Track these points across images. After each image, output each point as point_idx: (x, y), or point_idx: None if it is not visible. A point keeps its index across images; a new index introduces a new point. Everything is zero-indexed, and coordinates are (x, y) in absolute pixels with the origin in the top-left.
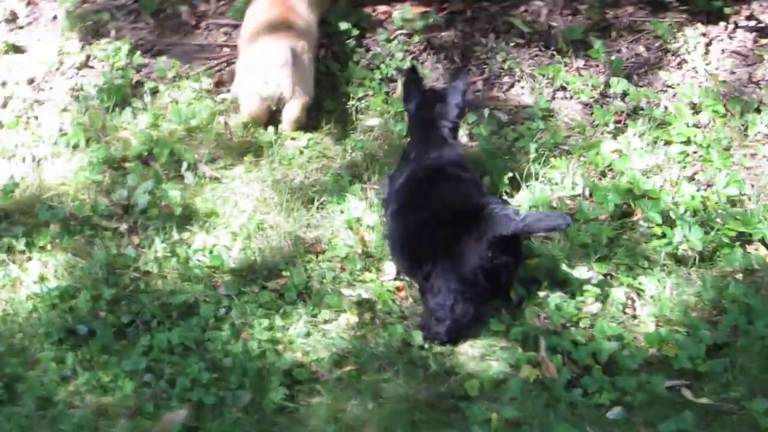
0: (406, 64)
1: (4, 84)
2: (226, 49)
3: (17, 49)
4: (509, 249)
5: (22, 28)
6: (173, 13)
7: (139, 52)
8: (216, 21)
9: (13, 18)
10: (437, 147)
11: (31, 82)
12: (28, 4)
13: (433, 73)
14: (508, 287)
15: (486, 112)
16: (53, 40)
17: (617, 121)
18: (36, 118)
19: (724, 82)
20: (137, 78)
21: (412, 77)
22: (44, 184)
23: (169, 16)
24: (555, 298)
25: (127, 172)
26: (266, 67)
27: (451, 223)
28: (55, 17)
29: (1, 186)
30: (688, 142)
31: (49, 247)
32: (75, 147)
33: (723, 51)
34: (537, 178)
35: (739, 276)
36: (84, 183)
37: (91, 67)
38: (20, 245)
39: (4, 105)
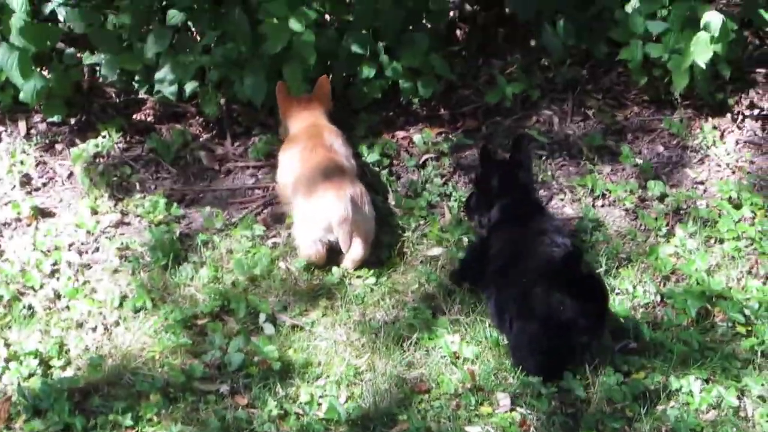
0: (449, 189)
1: (47, 252)
2: (258, 191)
3: (45, 213)
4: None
5: (38, 189)
6: (193, 159)
7: (175, 204)
8: (237, 163)
9: (27, 180)
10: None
11: (72, 246)
12: (38, 164)
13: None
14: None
15: None
16: (76, 198)
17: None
18: (88, 282)
19: (749, 173)
20: (181, 230)
21: (486, 153)
22: (126, 352)
23: (189, 164)
24: (673, 410)
25: (202, 330)
26: (325, 214)
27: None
28: (70, 175)
29: (84, 360)
30: (738, 237)
31: (155, 419)
32: (140, 309)
33: (737, 142)
34: (614, 291)
35: None
36: (168, 346)
37: (128, 224)
38: (126, 420)
39: (53, 274)
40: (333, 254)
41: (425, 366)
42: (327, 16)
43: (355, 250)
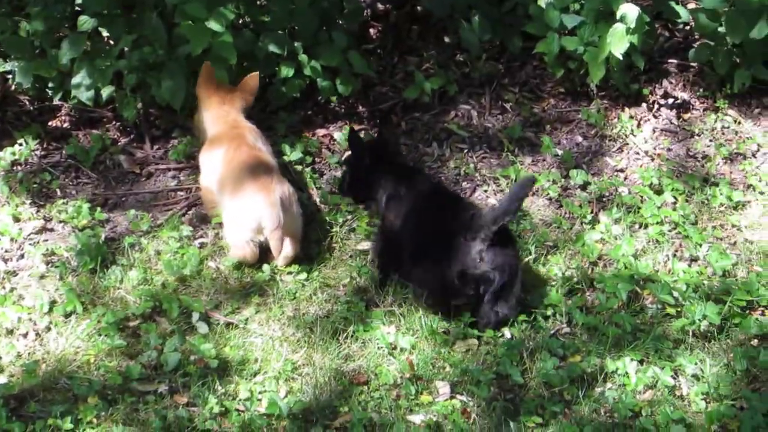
0: None
1: None
2: (181, 193)
3: None
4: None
5: None
6: (113, 164)
7: (98, 209)
8: (158, 166)
9: None
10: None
11: None
12: None
13: None
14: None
15: None
16: None
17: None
18: (15, 289)
19: (668, 160)
20: (106, 234)
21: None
22: (60, 357)
23: (109, 168)
24: (611, 392)
25: (135, 332)
26: (255, 216)
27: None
28: None
29: (17, 366)
30: (661, 222)
31: (95, 421)
32: (70, 314)
33: (654, 130)
34: (543, 277)
35: (754, 342)
36: (103, 349)
37: (52, 230)
38: (66, 424)
39: None
40: (263, 252)
41: (363, 358)
42: (242, 19)
43: (286, 249)
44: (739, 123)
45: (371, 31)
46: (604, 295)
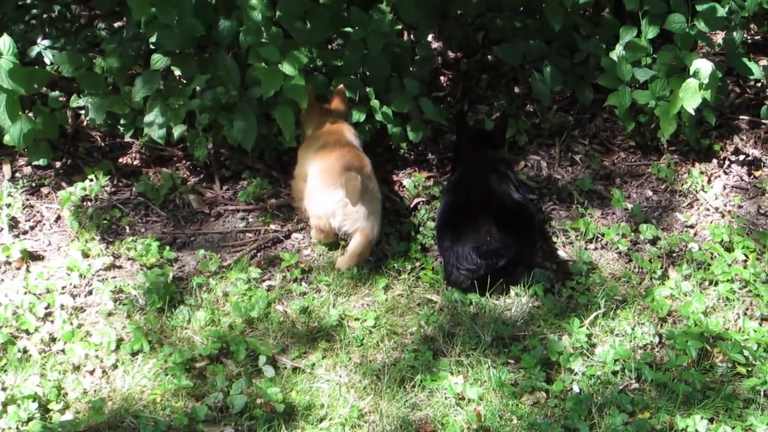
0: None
1: (39, 296)
2: (249, 234)
3: (34, 256)
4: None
5: (26, 233)
6: (182, 203)
7: (167, 247)
8: (227, 207)
9: (14, 224)
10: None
11: (65, 289)
12: (25, 208)
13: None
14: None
15: (538, 271)
16: (65, 242)
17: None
18: (82, 325)
19: (738, 217)
20: (174, 273)
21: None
22: (126, 395)
23: (178, 207)
24: None
25: (201, 373)
26: (338, 205)
27: None
28: (58, 218)
29: (83, 403)
30: (732, 280)
31: None
32: (137, 352)
33: (724, 187)
34: (613, 332)
35: None
36: (169, 389)
37: (120, 267)
38: None
39: (46, 317)
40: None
41: (430, 407)
42: (314, 62)
43: (355, 243)
44: None
45: (442, 78)
46: (673, 351)
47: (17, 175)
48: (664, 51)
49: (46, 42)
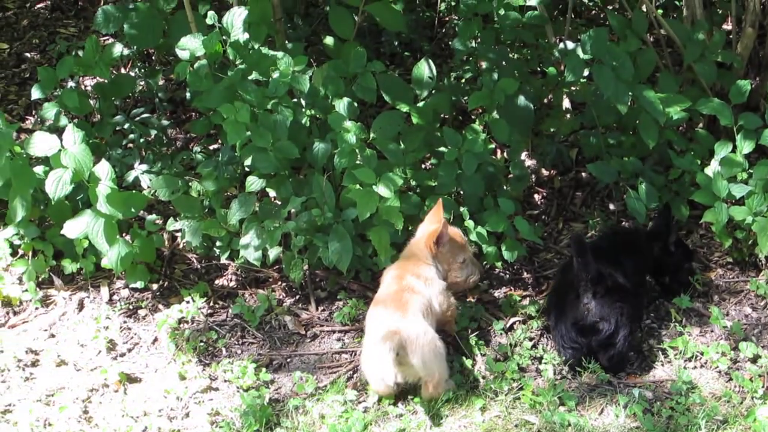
0: (539, 352)
1: (137, 418)
2: (345, 356)
3: (131, 379)
4: None
5: (124, 355)
6: (278, 324)
7: (264, 369)
8: (323, 328)
9: (112, 346)
10: None
11: (162, 412)
12: (122, 330)
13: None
14: None
15: (636, 392)
16: (162, 364)
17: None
18: None
19: None
20: (270, 395)
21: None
22: None
23: (274, 328)
24: None
25: None
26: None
27: None
28: (155, 340)
29: None
30: None
31: None
32: None
33: None
34: None
35: None
36: None
37: (217, 389)
38: None
39: None
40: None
41: None
42: (408, 182)
43: (426, 389)
44: None
45: (536, 196)
46: None
47: (115, 297)
48: (760, 166)
49: (144, 166)
